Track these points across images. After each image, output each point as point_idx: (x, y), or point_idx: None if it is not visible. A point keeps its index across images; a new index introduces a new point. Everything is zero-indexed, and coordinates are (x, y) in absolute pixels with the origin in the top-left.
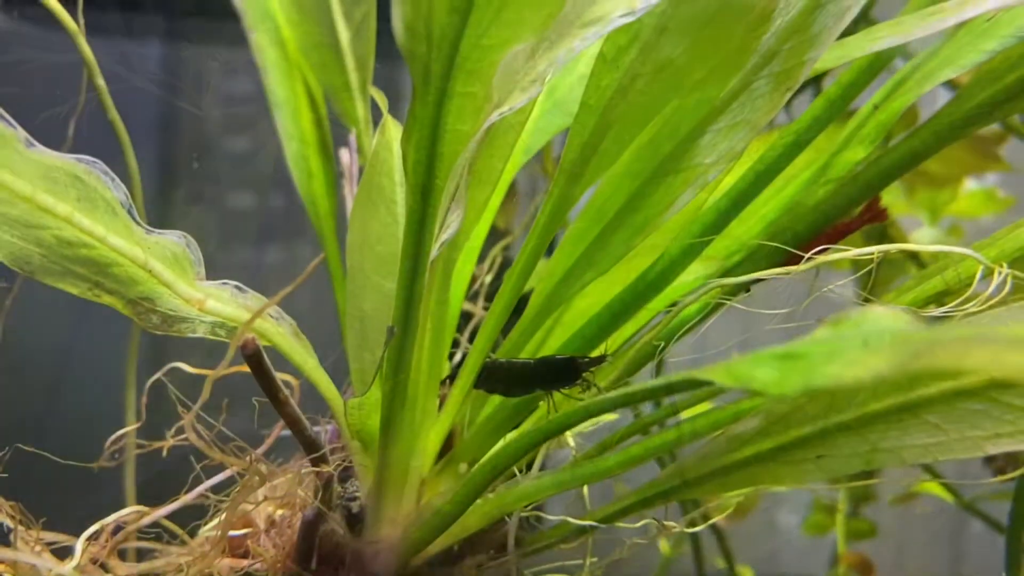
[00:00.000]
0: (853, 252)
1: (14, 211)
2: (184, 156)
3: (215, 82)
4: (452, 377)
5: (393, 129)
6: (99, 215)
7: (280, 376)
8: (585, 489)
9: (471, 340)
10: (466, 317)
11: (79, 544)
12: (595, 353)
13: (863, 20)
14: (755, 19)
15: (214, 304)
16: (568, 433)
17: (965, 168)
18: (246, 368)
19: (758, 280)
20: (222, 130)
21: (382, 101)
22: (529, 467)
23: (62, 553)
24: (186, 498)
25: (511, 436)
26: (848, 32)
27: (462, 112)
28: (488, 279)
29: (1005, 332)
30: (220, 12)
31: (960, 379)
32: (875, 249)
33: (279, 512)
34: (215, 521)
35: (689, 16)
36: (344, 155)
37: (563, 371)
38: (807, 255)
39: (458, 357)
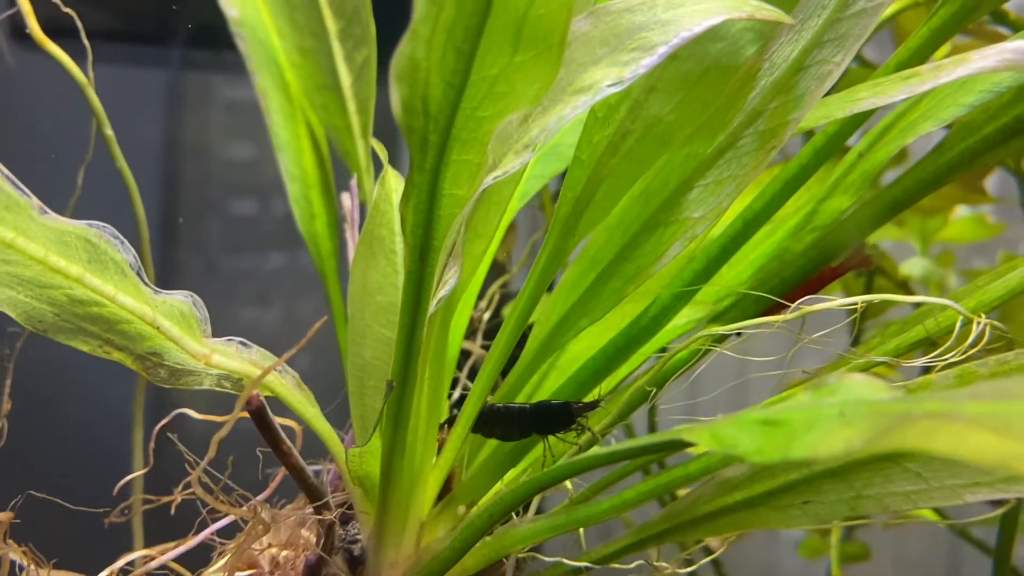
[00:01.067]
0: (837, 302)
1: (28, 272)
2: (186, 169)
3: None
4: (450, 421)
5: (393, 180)
6: (109, 276)
7: (283, 422)
8: (581, 529)
9: (469, 377)
10: (465, 354)
11: None
12: (589, 397)
13: (855, 59)
14: (741, 78)
15: (220, 359)
16: None
17: (951, 200)
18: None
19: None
20: (225, 138)
21: (382, 151)
22: (526, 509)
23: None
24: (192, 542)
25: (508, 477)
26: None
27: (458, 178)
28: (487, 316)
29: (971, 409)
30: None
31: None
32: (859, 299)
33: (283, 553)
34: (221, 562)
35: (677, 76)
36: (345, 199)
37: (558, 416)
38: (793, 305)
39: (456, 395)
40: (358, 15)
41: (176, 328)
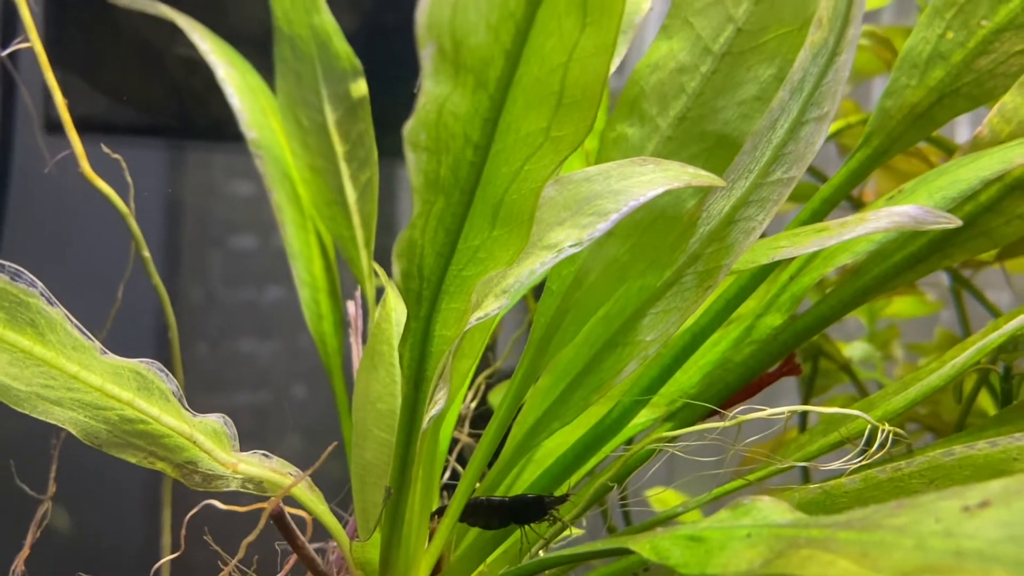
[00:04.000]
0: (768, 412)
1: (87, 397)
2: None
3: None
4: (440, 511)
5: (393, 300)
6: (154, 400)
7: (296, 512)
8: None
9: (458, 460)
10: (454, 440)
11: None
12: (560, 490)
13: (809, 171)
14: (684, 225)
15: (245, 467)
16: (541, 552)
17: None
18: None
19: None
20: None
21: (382, 273)
22: None
23: None
24: None
25: (489, 560)
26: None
27: (447, 322)
28: (473, 405)
29: (842, 537)
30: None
31: None
32: (785, 410)
33: None
34: None
35: (631, 223)
36: (350, 306)
37: (532, 508)
38: (731, 413)
39: (446, 476)
40: (362, 140)
41: (209, 442)
